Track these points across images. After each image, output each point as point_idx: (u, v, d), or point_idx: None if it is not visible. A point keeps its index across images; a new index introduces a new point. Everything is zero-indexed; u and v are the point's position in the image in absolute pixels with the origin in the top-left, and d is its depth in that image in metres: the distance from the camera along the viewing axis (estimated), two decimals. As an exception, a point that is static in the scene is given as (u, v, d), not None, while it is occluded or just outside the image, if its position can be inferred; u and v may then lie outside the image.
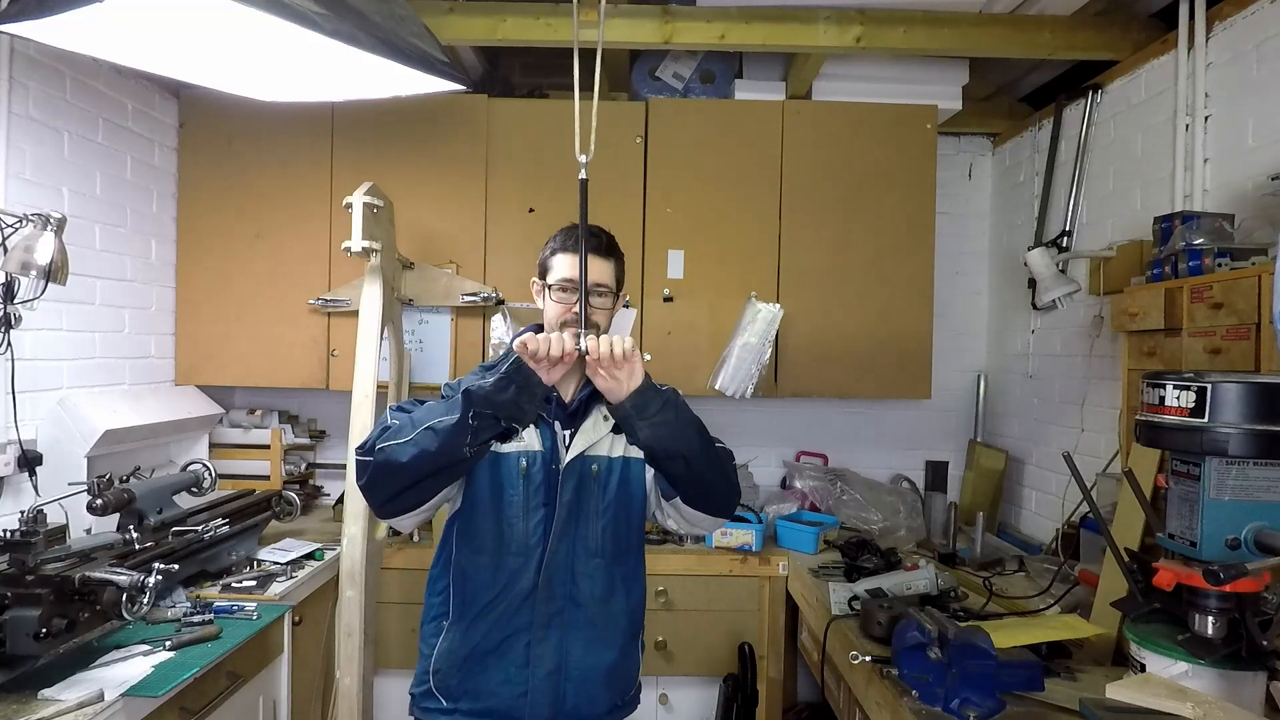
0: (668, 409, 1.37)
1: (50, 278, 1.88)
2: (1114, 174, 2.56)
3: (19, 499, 2.11)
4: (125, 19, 1.32)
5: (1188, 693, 1.26)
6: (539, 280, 1.58)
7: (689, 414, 1.43)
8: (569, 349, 1.31)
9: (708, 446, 1.44)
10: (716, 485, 1.47)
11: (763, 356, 2.77)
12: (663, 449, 1.38)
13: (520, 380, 1.32)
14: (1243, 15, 2.05)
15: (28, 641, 1.44)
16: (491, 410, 1.31)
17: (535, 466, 1.48)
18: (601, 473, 1.52)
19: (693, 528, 1.58)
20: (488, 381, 1.32)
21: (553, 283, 1.52)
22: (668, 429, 1.37)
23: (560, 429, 1.52)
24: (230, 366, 2.87)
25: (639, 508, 1.56)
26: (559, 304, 1.51)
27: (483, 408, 1.31)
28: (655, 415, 1.36)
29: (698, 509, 1.49)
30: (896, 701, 1.55)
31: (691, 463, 1.40)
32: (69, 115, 2.33)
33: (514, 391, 1.31)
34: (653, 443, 1.38)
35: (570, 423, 1.53)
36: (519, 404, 1.33)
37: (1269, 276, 1.55)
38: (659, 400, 1.37)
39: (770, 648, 2.67)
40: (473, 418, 1.30)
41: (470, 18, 2.50)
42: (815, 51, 2.61)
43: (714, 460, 1.45)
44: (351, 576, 2.04)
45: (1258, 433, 1.24)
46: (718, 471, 1.46)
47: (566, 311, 1.49)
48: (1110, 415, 2.45)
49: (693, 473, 1.42)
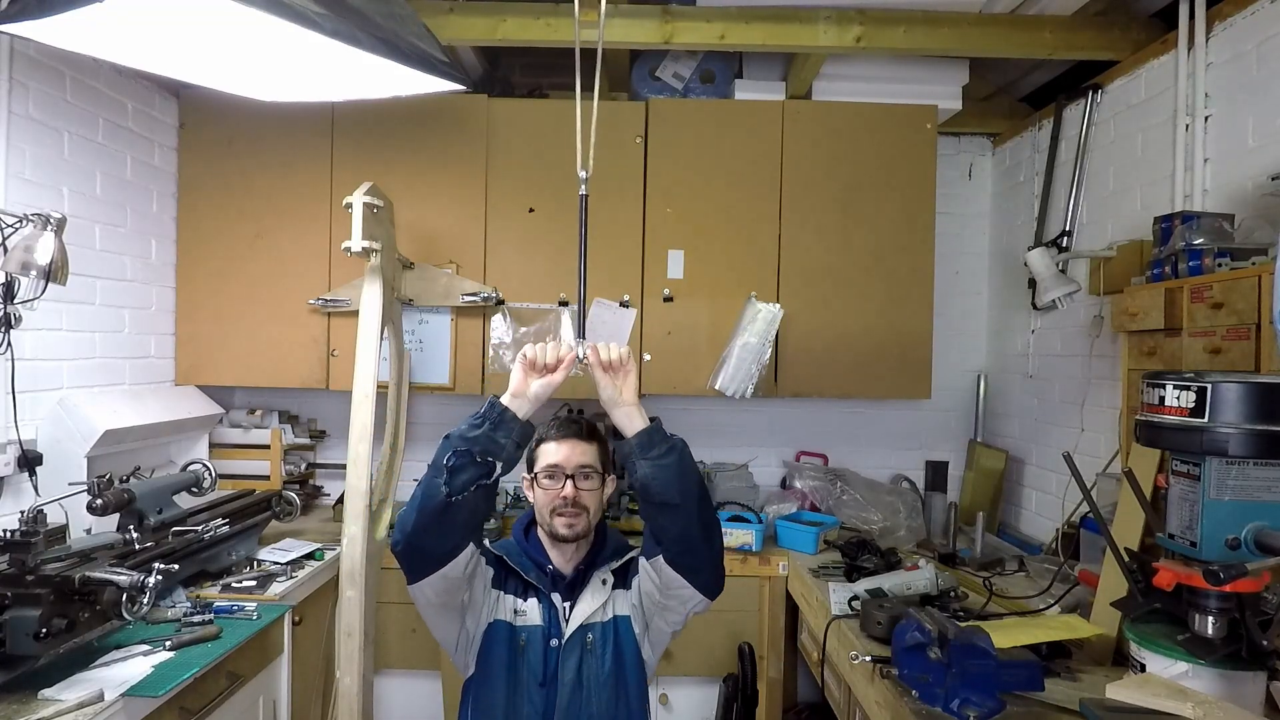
0: (671, 453, 1.41)
1: (50, 278, 1.88)
2: (1114, 174, 2.56)
3: (19, 499, 2.11)
4: (125, 19, 1.32)
5: (1188, 693, 1.26)
6: (526, 475, 1.64)
7: (693, 466, 1.45)
8: (563, 356, 1.40)
9: (704, 504, 1.46)
10: (702, 549, 1.48)
11: (763, 356, 2.77)
12: (658, 490, 1.41)
13: (494, 416, 1.39)
14: (1243, 15, 2.05)
15: (28, 641, 1.44)
16: (466, 446, 1.37)
17: (534, 643, 1.54)
18: (596, 642, 1.55)
19: (667, 600, 1.54)
20: (464, 424, 1.39)
21: (539, 470, 1.59)
22: (667, 472, 1.40)
23: (560, 601, 1.57)
24: (230, 366, 2.87)
25: (636, 665, 1.58)
26: (547, 491, 1.57)
27: (459, 446, 1.37)
28: (658, 456, 1.40)
29: (679, 571, 1.49)
30: (896, 701, 1.55)
31: (682, 514, 1.43)
32: (69, 115, 2.33)
33: (488, 427, 1.38)
34: (649, 481, 1.41)
35: (569, 594, 1.58)
36: (493, 439, 1.38)
37: (1269, 276, 1.55)
38: (665, 444, 1.42)
39: (770, 648, 2.67)
40: (449, 457, 1.37)
41: (470, 18, 2.50)
42: (815, 51, 2.61)
43: (706, 520, 1.47)
44: (351, 576, 2.04)
45: (1258, 433, 1.24)
46: (706, 534, 1.47)
47: (555, 498, 1.56)
48: (1110, 415, 2.45)
49: (681, 525, 1.44)
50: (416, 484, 1.43)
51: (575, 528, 1.56)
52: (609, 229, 2.78)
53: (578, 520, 1.56)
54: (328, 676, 2.45)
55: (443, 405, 3.30)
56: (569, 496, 1.55)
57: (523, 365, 1.41)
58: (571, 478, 1.56)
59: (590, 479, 1.57)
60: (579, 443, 1.57)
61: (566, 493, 1.55)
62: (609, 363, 1.42)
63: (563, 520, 1.56)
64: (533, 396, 1.42)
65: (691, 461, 1.45)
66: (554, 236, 2.82)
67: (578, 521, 1.56)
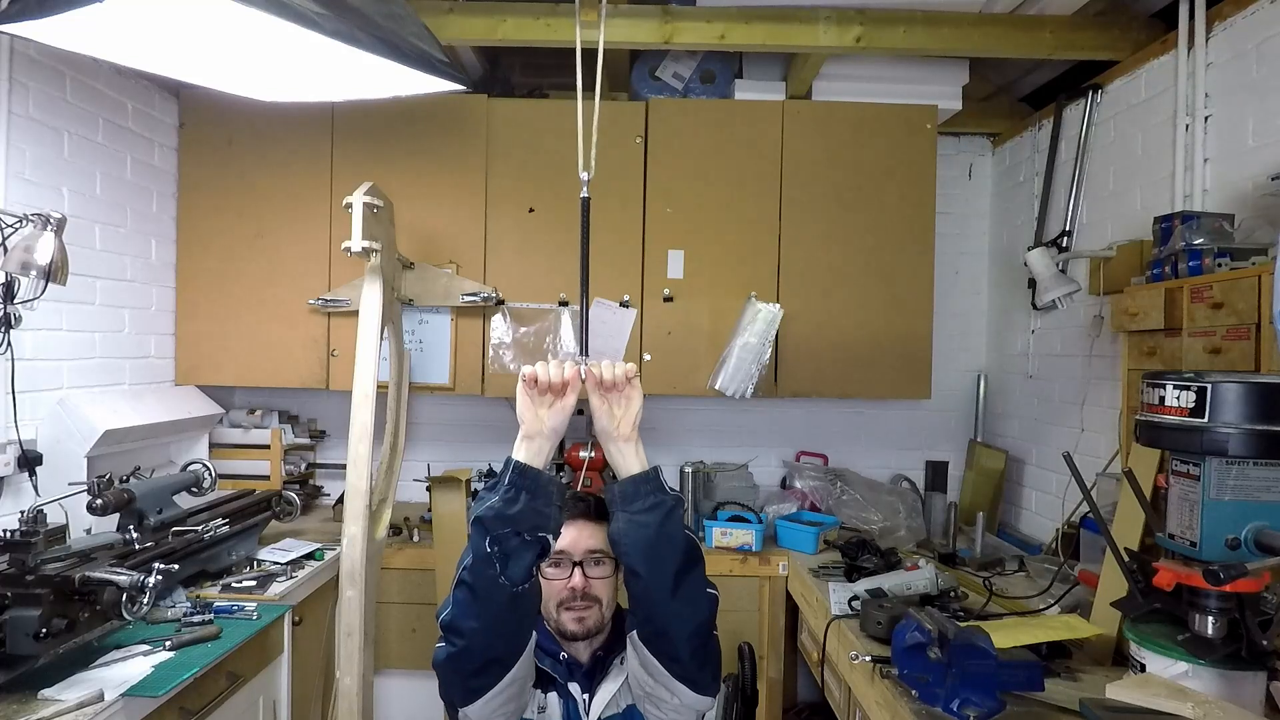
0: (653, 511, 1.18)
1: (50, 278, 1.87)
2: (1114, 174, 2.56)
3: (19, 499, 2.11)
4: (125, 19, 1.32)
5: (1188, 693, 1.26)
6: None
7: (674, 533, 1.20)
8: (570, 376, 1.18)
9: (680, 581, 1.20)
10: (673, 631, 1.23)
11: (763, 356, 2.77)
12: (626, 551, 1.19)
13: (528, 484, 1.15)
14: (1243, 15, 2.05)
15: (28, 641, 1.44)
16: (510, 528, 1.14)
17: None
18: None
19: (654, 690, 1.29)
20: (495, 499, 1.15)
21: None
22: (640, 533, 1.18)
23: (579, 693, 1.39)
24: (230, 366, 2.87)
25: None
26: (552, 581, 1.39)
27: (499, 529, 1.13)
28: (637, 512, 1.19)
29: (654, 653, 1.26)
30: (896, 701, 1.55)
31: (651, 587, 1.19)
32: (69, 115, 2.33)
33: (526, 499, 1.14)
34: (619, 538, 1.20)
35: (588, 684, 1.40)
36: (536, 509, 1.15)
37: (1269, 276, 1.55)
38: (650, 499, 1.19)
39: (770, 648, 2.67)
40: (491, 544, 1.13)
41: (470, 18, 2.50)
42: (815, 51, 2.61)
43: (684, 599, 1.21)
44: (351, 576, 2.04)
45: (1258, 433, 1.24)
46: (678, 615, 1.22)
47: (562, 589, 1.39)
48: (1110, 415, 2.45)
49: (650, 601, 1.21)
50: (456, 584, 1.19)
51: (586, 622, 1.39)
52: (609, 229, 2.78)
53: (589, 614, 1.39)
54: (328, 676, 2.45)
55: (443, 405, 3.30)
56: (578, 588, 1.38)
57: (526, 390, 1.18)
58: (580, 564, 1.39)
59: (602, 565, 1.40)
60: (587, 524, 1.40)
61: (575, 583, 1.38)
62: (609, 383, 1.19)
63: (572, 615, 1.39)
64: (550, 431, 1.19)
65: (677, 527, 1.21)
66: (554, 236, 2.82)
67: (589, 615, 1.39)
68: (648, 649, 1.27)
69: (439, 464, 3.07)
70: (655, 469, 1.22)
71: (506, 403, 2.98)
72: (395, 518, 2.58)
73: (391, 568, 2.64)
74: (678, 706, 1.30)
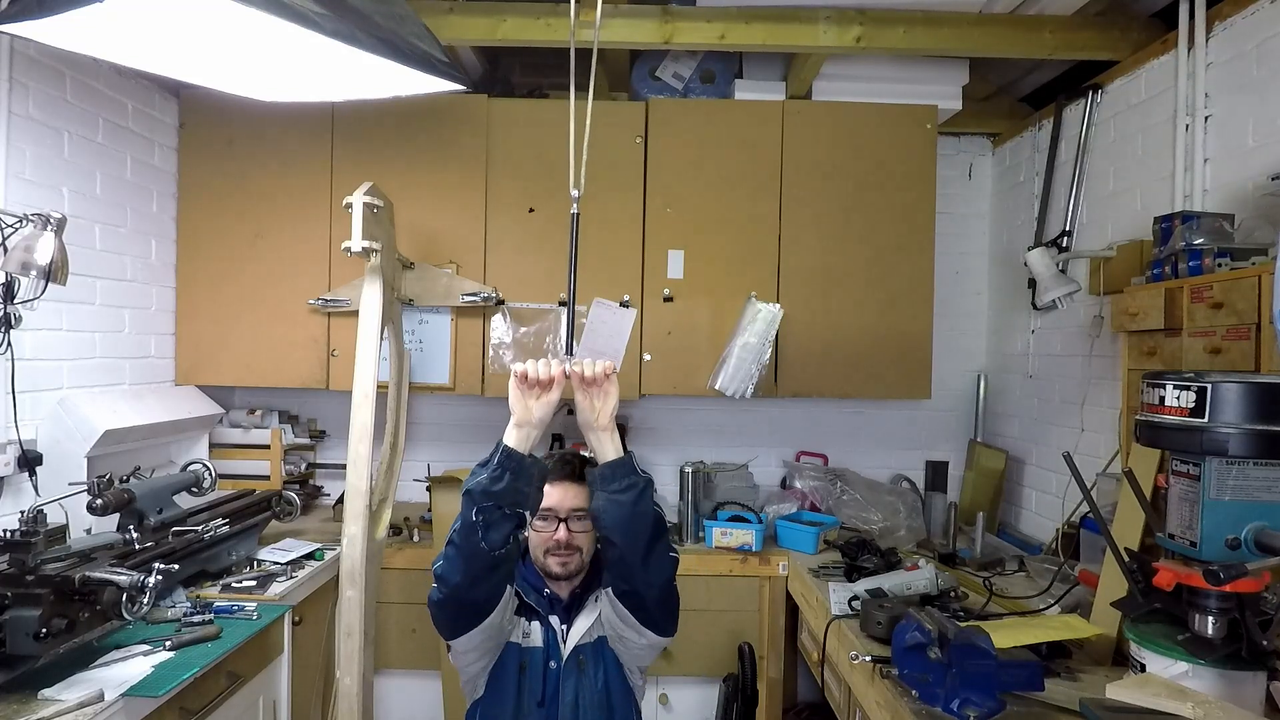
0: (629, 491, 1.41)
1: (50, 278, 1.87)
2: (1114, 174, 2.56)
3: (19, 499, 2.11)
4: (125, 19, 1.32)
5: (1188, 693, 1.26)
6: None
7: (647, 510, 1.43)
8: (556, 373, 1.38)
9: (651, 549, 1.45)
10: (643, 587, 1.48)
11: (763, 356, 2.77)
12: (604, 525, 1.44)
13: (512, 466, 1.36)
14: (1243, 15, 2.05)
15: (28, 641, 1.44)
16: (493, 502, 1.35)
17: (534, 665, 1.57)
18: (588, 663, 1.59)
19: (623, 633, 1.56)
20: (484, 476, 1.37)
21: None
22: (617, 510, 1.41)
23: (558, 624, 1.61)
24: (230, 366, 2.87)
25: (621, 685, 1.61)
26: (540, 533, 1.60)
27: (483, 502, 1.35)
28: (614, 491, 1.41)
29: (627, 606, 1.51)
30: (896, 701, 1.55)
31: (626, 555, 1.44)
32: (69, 115, 2.33)
33: (510, 479, 1.36)
34: (599, 514, 1.43)
35: (566, 617, 1.61)
36: (518, 489, 1.37)
37: (1269, 276, 1.55)
38: (625, 480, 1.41)
39: (770, 648, 2.67)
40: (476, 514, 1.35)
41: (470, 18, 2.50)
42: (815, 51, 2.61)
43: (652, 562, 1.46)
44: (351, 576, 2.04)
45: (1258, 433, 1.24)
46: (647, 575, 1.47)
47: (549, 540, 1.59)
48: (1110, 415, 2.45)
49: (624, 566, 1.46)
50: (447, 542, 1.42)
51: (569, 566, 1.60)
52: (609, 229, 2.78)
53: (571, 560, 1.60)
54: (328, 676, 2.45)
55: (443, 405, 3.30)
56: (562, 540, 1.58)
57: (517, 384, 1.39)
58: (565, 521, 1.58)
59: (583, 520, 1.59)
60: (572, 485, 1.59)
61: (559, 536, 1.58)
62: (590, 378, 1.40)
63: (556, 560, 1.59)
64: (538, 421, 1.40)
65: (648, 504, 1.44)
66: (554, 236, 2.82)
67: (571, 560, 1.60)
68: (622, 604, 1.51)
69: (439, 464, 3.08)
70: (629, 454, 1.44)
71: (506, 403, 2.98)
72: (395, 518, 2.58)
73: (391, 568, 2.64)
74: (644, 645, 1.57)
